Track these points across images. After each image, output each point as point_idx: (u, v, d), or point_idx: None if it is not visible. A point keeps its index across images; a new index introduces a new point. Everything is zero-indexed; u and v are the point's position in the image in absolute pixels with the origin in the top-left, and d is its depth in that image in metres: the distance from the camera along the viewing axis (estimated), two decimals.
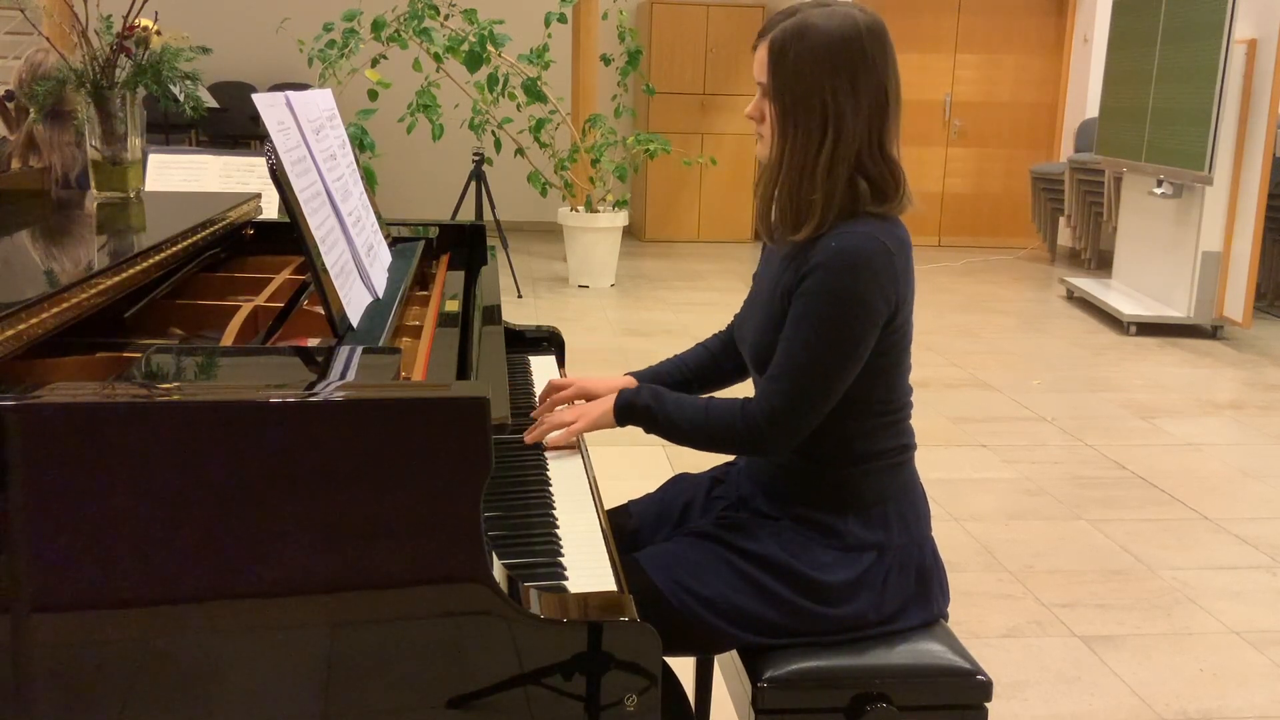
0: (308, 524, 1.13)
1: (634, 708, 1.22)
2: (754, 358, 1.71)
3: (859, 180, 1.60)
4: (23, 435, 1.08)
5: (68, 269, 1.57)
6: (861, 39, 1.57)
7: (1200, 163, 6.06)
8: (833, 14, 1.58)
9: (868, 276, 1.55)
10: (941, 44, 9.31)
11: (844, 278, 1.55)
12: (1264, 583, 3.28)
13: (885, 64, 1.59)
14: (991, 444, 4.44)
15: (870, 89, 1.58)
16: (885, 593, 1.66)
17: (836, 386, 1.59)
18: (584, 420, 1.75)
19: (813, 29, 1.57)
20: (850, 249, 1.56)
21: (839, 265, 1.55)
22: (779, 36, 1.59)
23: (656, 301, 7.13)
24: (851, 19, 1.58)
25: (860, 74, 1.57)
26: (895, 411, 1.69)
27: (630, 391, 1.73)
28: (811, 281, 1.57)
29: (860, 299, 1.55)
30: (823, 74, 1.56)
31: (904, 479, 1.72)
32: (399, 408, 1.14)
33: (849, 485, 1.68)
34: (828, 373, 1.58)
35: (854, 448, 1.66)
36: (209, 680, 1.14)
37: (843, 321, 1.56)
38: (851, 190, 1.60)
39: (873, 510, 1.68)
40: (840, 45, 1.56)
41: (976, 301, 7.40)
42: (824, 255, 1.56)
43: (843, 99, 1.57)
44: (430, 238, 2.34)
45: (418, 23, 6.55)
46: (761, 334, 1.68)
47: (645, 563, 1.66)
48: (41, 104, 2.57)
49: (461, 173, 7.37)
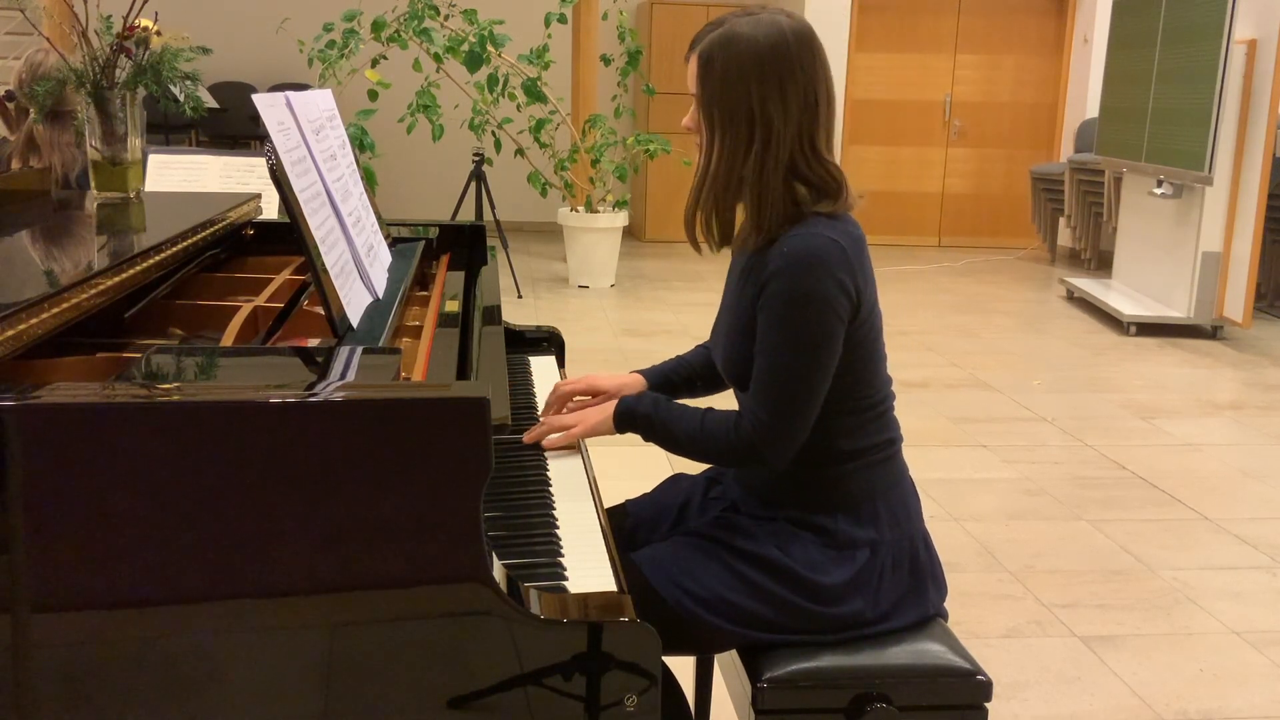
0: (308, 524, 1.13)
1: (634, 708, 1.22)
2: (726, 369, 1.73)
3: (795, 185, 1.62)
4: (23, 435, 1.08)
5: (68, 269, 1.57)
6: (788, 45, 1.58)
7: (1200, 163, 6.06)
8: (759, 22, 1.60)
9: (822, 272, 1.57)
10: (941, 44, 9.31)
11: (801, 278, 1.56)
12: (1264, 583, 3.28)
13: (814, 67, 1.60)
14: (991, 444, 4.44)
15: (798, 93, 1.59)
16: (880, 589, 1.67)
17: (817, 387, 1.60)
18: (583, 425, 1.77)
19: (739, 38, 1.59)
20: (801, 249, 1.57)
21: (794, 267, 1.56)
22: (706, 48, 1.61)
23: (656, 302, 7.13)
24: (778, 26, 1.59)
25: (788, 79, 1.58)
26: (876, 405, 1.70)
27: (631, 399, 1.74)
28: (771, 288, 1.58)
29: (820, 296, 1.57)
30: (749, 81, 1.58)
31: (892, 473, 1.73)
32: (399, 408, 1.14)
33: (837, 484, 1.68)
34: (805, 374, 1.58)
35: (839, 446, 1.67)
36: (209, 680, 1.14)
37: (808, 321, 1.57)
38: (789, 195, 1.62)
39: (862, 507, 1.68)
40: (767, 52, 1.58)
41: (976, 302, 7.40)
42: (778, 261, 1.58)
43: (770, 105, 1.58)
44: (430, 238, 2.34)
45: (418, 23, 6.56)
46: (730, 345, 1.70)
47: (642, 563, 1.66)
48: (41, 104, 2.57)
49: (461, 173, 7.37)
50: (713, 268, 8.41)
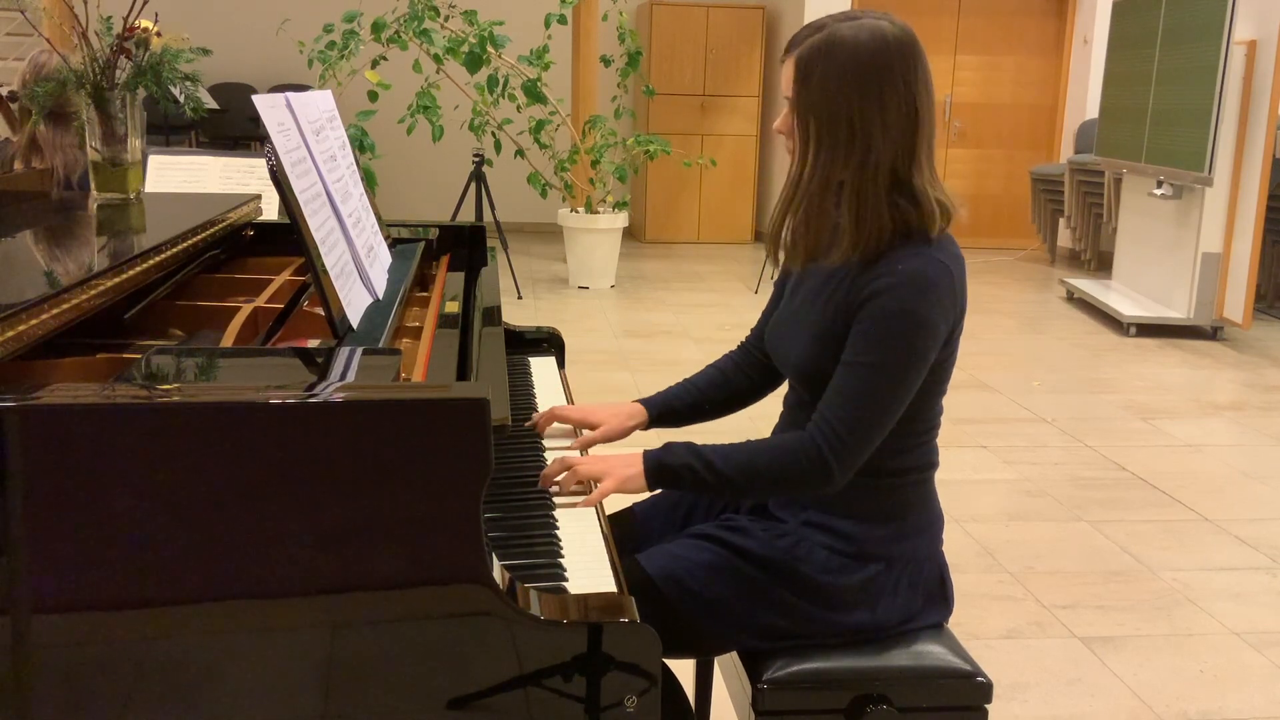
0: (308, 525, 1.13)
1: (634, 709, 1.22)
2: (801, 375, 1.67)
3: (899, 201, 1.56)
4: (23, 436, 1.08)
5: (68, 270, 1.57)
6: (890, 55, 1.52)
7: (1200, 164, 6.06)
8: (860, 28, 1.53)
9: (934, 298, 1.53)
10: (941, 45, 9.31)
11: (913, 301, 1.52)
12: (1264, 584, 3.28)
13: (915, 79, 1.54)
14: (992, 445, 4.44)
15: (899, 107, 1.53)
16: (889, 603, 1.66)
17: (897, 409, 1.56)
18: (612, 481, 1.60)
19: (839, 46, 1.53)
20: (918, 271, 1.53)
21: (908, 289, 1.52)
22: (805, 54, 1.55)
23: (656, 303, 7.13)
24: (880, 33, 1.53)
25: (888, 90, 1.52)
26: (928, 431, 1.68)
27: (659, 452, 1.61)
28: (878, 305, 1.53)
29: (928, 320, 1.53)
30: (850, 93, 1.52)
31: (924, 495, 1.71)
32: (399, 409, 1.14)
33: (871, 497, 1.65)
34: (891, 395, 1.54)
35: (884, 464, 1.64)
36: (209, 681, 1.14)
37: (910, 344, 1.53)
38: (894, 212, 1.56)
39: (890, 523, 1.66)
40: (868, 63, 1.52)
41: (976, 302, 7.40)
42: (891, 278, 1.53)
43: (870, 119, 1.53)
44: (430, 239, 2.34)
45: (418, 24, 6.56)
46: (809, 351, 1.63)
47: (646, 563, 1.66)
48: (42, 105, 2.57)
49: (461, 174, 7.37)
50: (713, 268, 8.41)
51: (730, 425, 1.99)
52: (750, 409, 1.94)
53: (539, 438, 1.87)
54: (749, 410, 1.95)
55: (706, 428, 1.91)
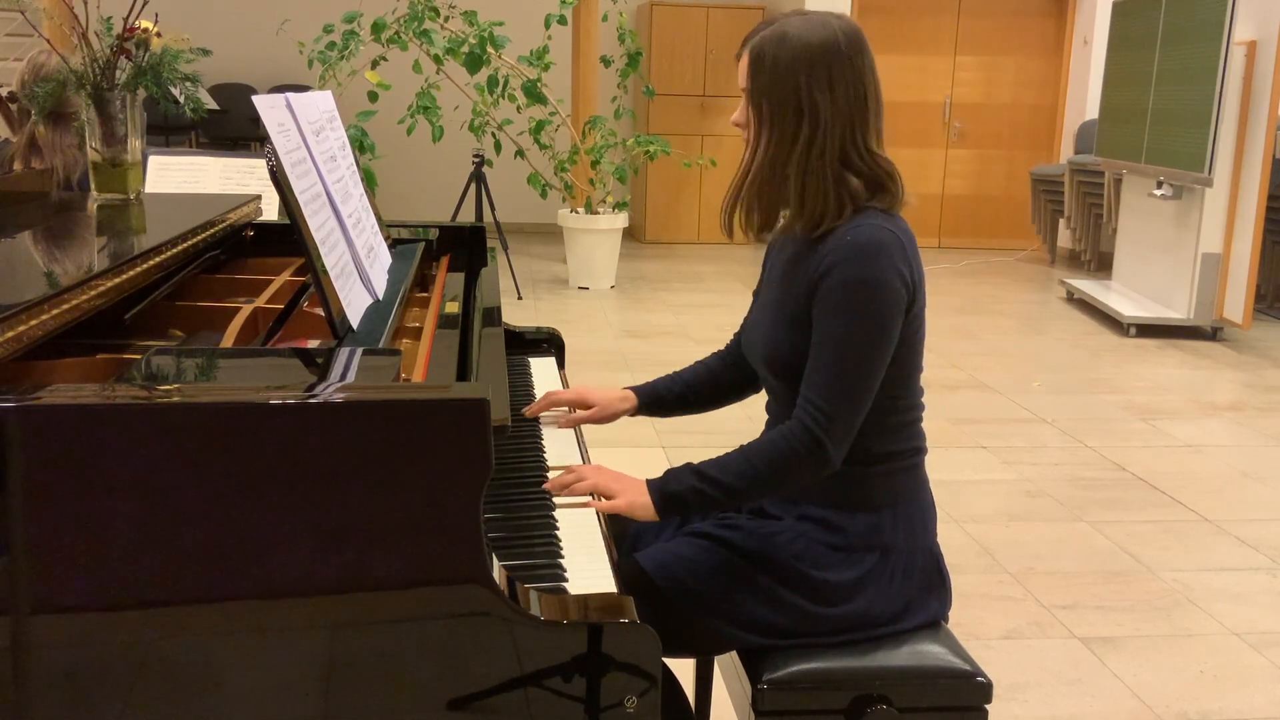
0: (308, 525, 1.13)
1: (634, 709, 1.22)
2: (769, 364, 1.70)
3: (848, 177, 1.63)
4: (23, 436, 1.08)
5: (68, 270, 1.57)
6: (838, 40, 1.62)
7: (1200, 164, 6.06)
8: (810, 21, 1.64)
9: (885, 260, 1.58)
10: (941, 46, 9.31)
11: (864, 265, 1.57)
12: (1264, 584, 3.28)
13: (863, 65, 1.63)
14: (991, 445, 4.44)
15: (847, 87, 1.62)
16: (886, 595, 1.66)
17: (875, 375, 1.59)
18: (624, 501, 1.61)
19: (790, 35, 1.62)
20: (864, 238, 1.58)
21: (858, 255, 1.57)
22: (758, 43, 1.65)
23: (657, 303, 7.13)
24: (829, 25, 1.63)
25: (836, 72, 1.61)
26: (909, 411, 1.70)
27: (660, 482, 1.61)
28: (833, 277, 1.58)
29: (883, 282, 1.57)
30: (799, 73, 1.61)
31: (915, 482, 1.73)
32: (399, 409, 1.15)
33: (861, 485, 1.68)
34: (865, 361, 1.58)
35: (870, 447, 1.66)
36: (209, 682, 1.14)
37: (870, 308, 1.57)
38: (842, 187, 1.62)
39: (882, 512, 1.68)
40: (817, 47, 1.61)
41: (976, 303, 7.40)
42: (840, 251, 1.58)
43: (818, 95, 1.61)
44: (430, 239, 2.34)
45: (418, 24, 6.56)
46: (774, 340, 1.68)
47: (645, 563, 1.66)
48: (41, 105, 2.57)
49: (461, 174, 7.38)
50: (713, 269, 8.42)
51: (730, 425, 2.00)
52: (750, 410, 1.95)
53: (539, 439, 1.87)
54: (748, 411, 1.95)
55: (711, 442, 1.91)
